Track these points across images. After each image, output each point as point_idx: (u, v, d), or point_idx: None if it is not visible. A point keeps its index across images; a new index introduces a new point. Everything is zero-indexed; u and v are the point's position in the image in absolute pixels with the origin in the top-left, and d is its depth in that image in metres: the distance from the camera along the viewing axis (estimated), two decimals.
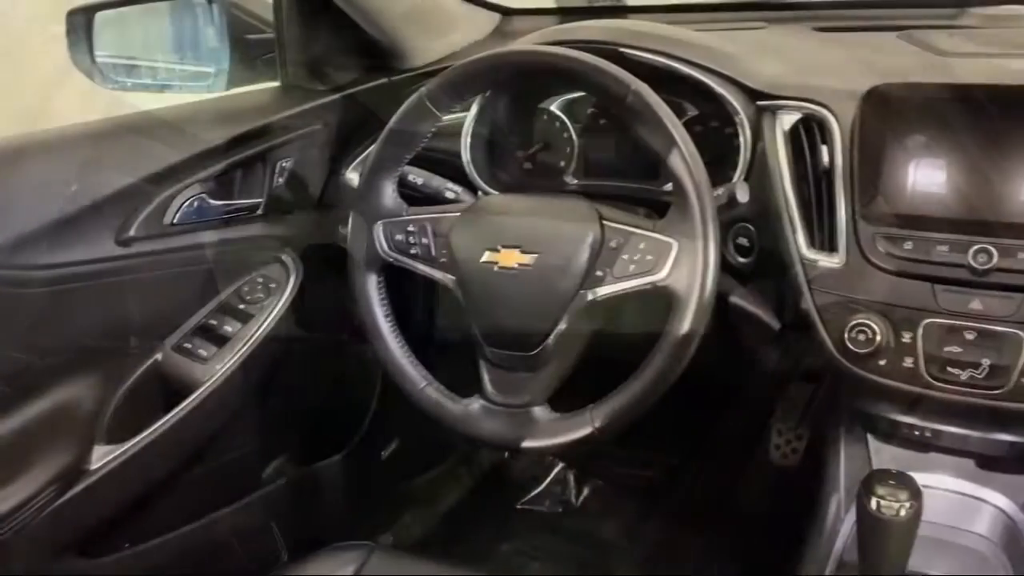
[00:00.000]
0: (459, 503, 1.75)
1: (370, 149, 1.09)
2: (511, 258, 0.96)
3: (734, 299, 1.05)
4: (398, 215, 1.03)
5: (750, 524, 1.50)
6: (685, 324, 0.86)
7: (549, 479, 1.76)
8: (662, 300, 0.89)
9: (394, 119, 1.01)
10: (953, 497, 1.04)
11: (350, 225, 1.05)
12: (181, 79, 1.47)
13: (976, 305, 0.87)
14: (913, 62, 1.06)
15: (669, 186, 0.92)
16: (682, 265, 0.87)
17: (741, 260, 1.04)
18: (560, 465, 1.76)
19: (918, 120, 0.93)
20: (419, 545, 1.62)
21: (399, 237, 1.02)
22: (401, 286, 1.08)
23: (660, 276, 0.88)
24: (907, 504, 0.83)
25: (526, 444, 0.95)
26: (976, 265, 0.87)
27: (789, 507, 1.15)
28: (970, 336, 0.87)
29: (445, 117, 1.02)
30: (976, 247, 0.87)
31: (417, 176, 1.17)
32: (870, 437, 1.08)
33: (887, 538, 0.84)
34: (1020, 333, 0.85)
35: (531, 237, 0.96)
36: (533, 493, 1.77)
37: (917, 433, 1.03)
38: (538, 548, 1.65)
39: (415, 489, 1.72)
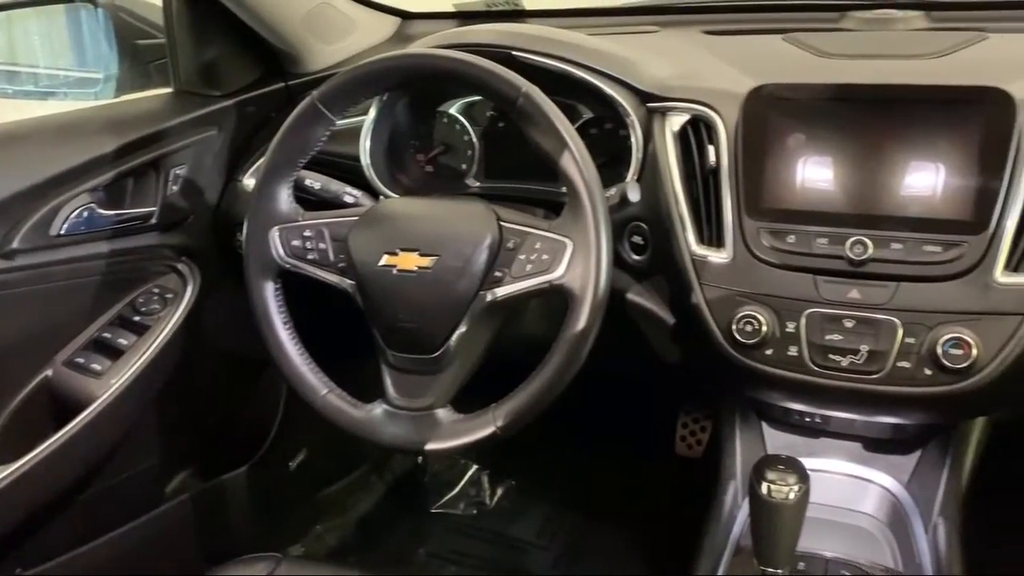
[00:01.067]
0: (372, 510, 1.74)
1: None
2: (410, 261, 0.96)
3: (631, 296, 1.07)
4: (294, 220, 1.02)
5: (658, 516, 1.53)
6: (581, 321, 0.88)
7: (463, 482, 1.77)
8: (560, 298, 0.91)
9: (286, 123, 1.00)
10: (843, 479, 1.09)
11: (244, 231, 1.03)
12: (67, 85, 1.42)
13: (854, 294, 0.92)
14: (795, 64, 1.11)
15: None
16: (576, 264, 0.89)
17: (636, 258, 1.06)
18: (474, 467, 1.77)
19: (799, 119, 0.97)
20: (332, 554, 1.61)
21: (295, 243, 1.01)
22: (306, 292, 1.06)
23: (556, 275, 0.89)
24: (795, 487, 0.86)
25: (430, 446, 0.95)
26: (853, 256, 0.91)
27: (694, 497, 1.18)
28: (849, 324, 0.91)
29: (341, 121, 1.01)
30: (853, 239, 0.91)
31: (314, 180, 1.16)
32: (764, 425, 1.12)
33: (778, 521, 0.87)
34: (895, 319, 0.90)
35: (429, 240, 0.96)
36: (447, 497, 1.77)
37: (807, 419, 1.08)
38: (454, 551, 1.65)
39: (327, 498, 1.70)
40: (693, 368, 1.11)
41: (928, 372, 0.88)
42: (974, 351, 0.86)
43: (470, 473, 1.77)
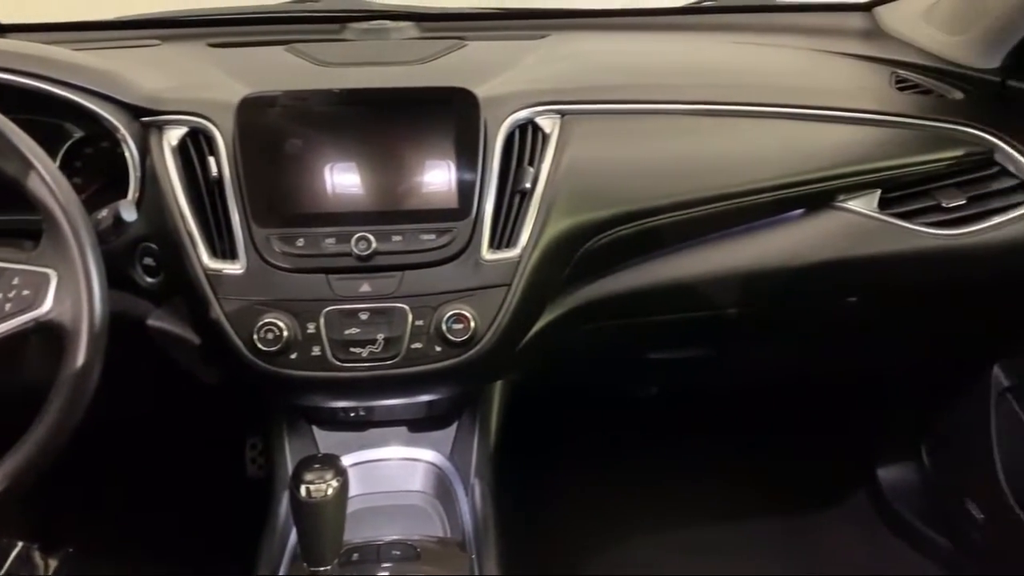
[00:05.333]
0: None
1: None
2: None
3: (152, 322, 1.02)
4: None
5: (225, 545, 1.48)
6: (79, 358, 0.80)
7: (9, 562, 1.53)
8: (54, 336, 0.82)
9: None
10: (395, 464, 1.14)
11: None
12: None
13: (365, 288, 0.96)
14: (294, 72, 1.14)
15: None
16: (64, 296, 0.81)
17: (150, 280, 1.01)
18: (20, 544, 1.55)
19: (295, 125, 0.99)
20: None
21: None
22: None
23: (42, 311, 0.81)
24: (333, 483, 0.87)
25: None
26: (359, 252, 0.95)
27: None
28: (365, 316, 0.96)
29: None
30: (357, 236, 0.96)
31: None
32: (315, 428, 1.13)
33: (321, 519, 0.88)
34: (404, 306, 0.96)
35: None
36: None
37: (352, 414, 1.11)
38: None
39: None
40: (230, 385, 1.08)
41: (438, 349, 0.96)
42: (472, 323, 0.95)
43: (17, 550, 1.54)
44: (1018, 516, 1.29)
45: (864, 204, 1.11)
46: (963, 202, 1.12)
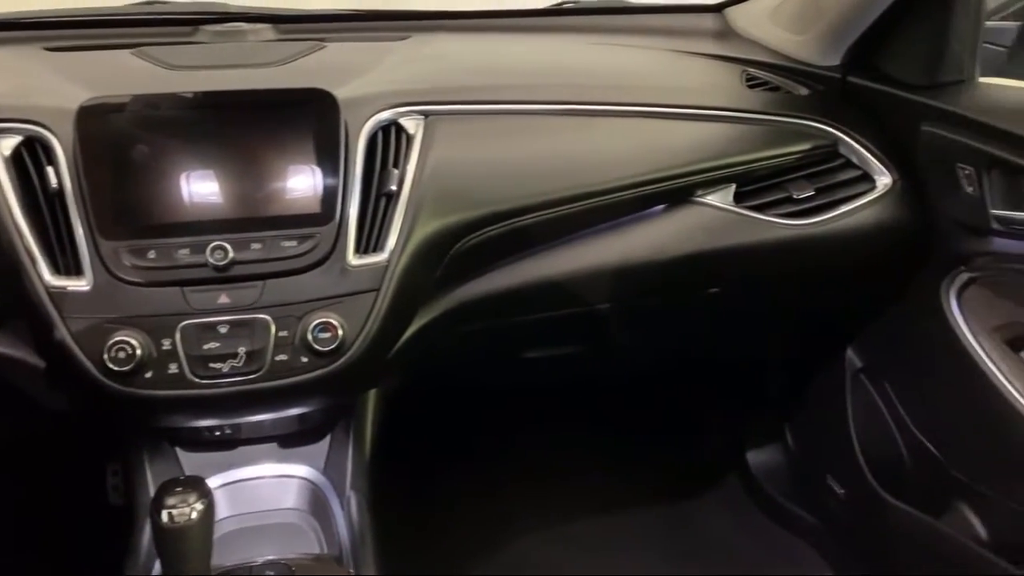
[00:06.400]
0: None
1: None
2: None
3: None
4: None
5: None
6: None
7: None
8: None
9: None
10: (267, 482, 1.10)
11: None
12: None
13: (224, 299, 0.92)
14: (141, 77, 1.08)
15: None
16: None
17: None
18: None
19: (145, 130, 0.94)
20: None
21: None
22: None
23: None
24: (197, 506, 0.83)
25: None
26: (215, 262, 0.91)
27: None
28: (224, 329, 0.91)
29: None
30: (212, 245, 0.91)
31: None
32: (179, 450, 1.08)
33: (185, 545, 0.84)
34: (266, 317, 0.92)
35: None
36: None
37: (218, 433, 1.06)
38: None
39: None
40: (82, 410, 1.01)
41: (304, 360, 0.93)
42: (340, 331, 0.93)
43: None
44: (875, 489, 1.37)
45: (721, 198, 1.15)
46: (812, 193, 1.17)
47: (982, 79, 1.16)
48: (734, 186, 1.15)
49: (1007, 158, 1.02)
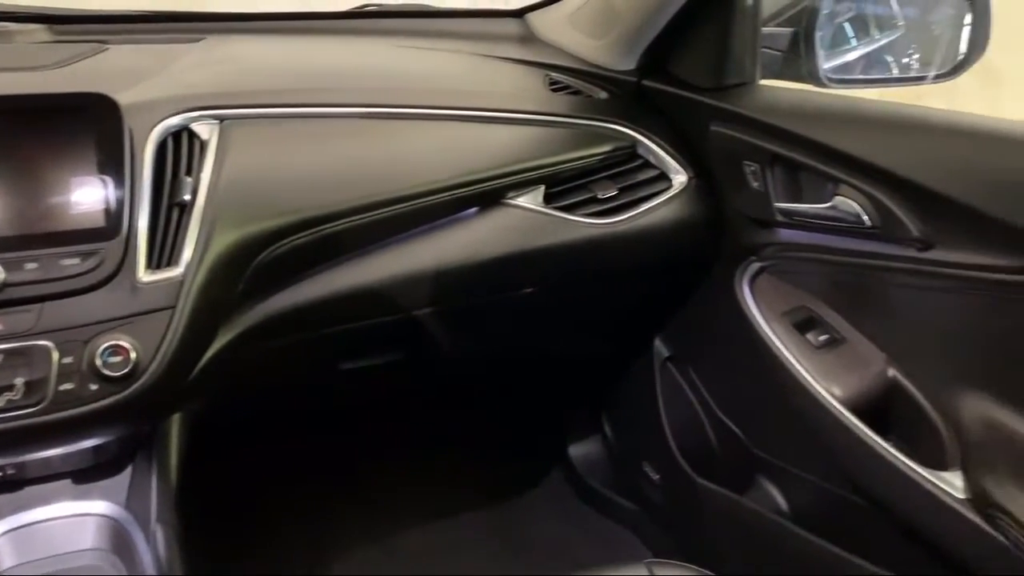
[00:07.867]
0: None
1: None
2: None
3: None
4: None
5: None
6: None
7: None
8: None
9: None
10: (60, 523, 1.00)
11: None
12: None
13: None
14: None
15: None
16: None
17: None
18: None
19: None
20: None
21: None
22: None
23: None
24: None
25: None
26: None
27: None
28: None
29: None
30: None
31: None
32: None
33: None
34: (47, 343, 0.84)
35: None
36: None
37: (0, 473, 0.96)
38: None
39: None
40: None
41: (94, 387, 0.85)
42: (132, 354, 0.86)
43: None
44: (686, 471, 1.44)
45: (531, 200, 1.17)
46: (615, 193, 1.22)
47: (762, 81, 1.24)
48: (543, 187, 1.18)
49: (786, 155, 1.10)
